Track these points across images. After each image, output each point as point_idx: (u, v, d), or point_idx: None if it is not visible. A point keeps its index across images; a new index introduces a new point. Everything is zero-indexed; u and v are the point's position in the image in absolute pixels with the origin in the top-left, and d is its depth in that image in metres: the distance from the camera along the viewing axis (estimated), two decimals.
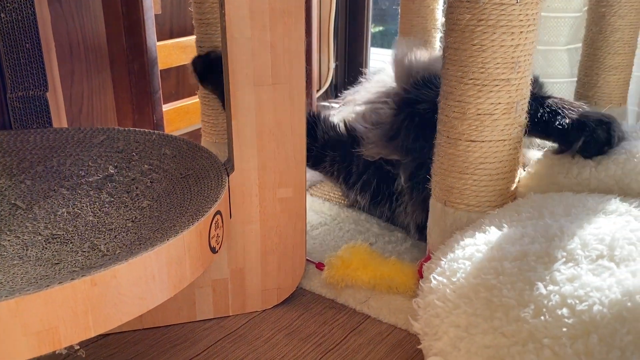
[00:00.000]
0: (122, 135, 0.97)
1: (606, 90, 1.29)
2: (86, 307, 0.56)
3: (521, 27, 0.70)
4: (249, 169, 0.81)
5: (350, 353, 0.80)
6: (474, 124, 0.74)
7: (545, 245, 0.55)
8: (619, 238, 0.53)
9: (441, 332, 0.55)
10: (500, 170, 0.76)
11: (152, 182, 0.85)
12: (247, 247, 0.85)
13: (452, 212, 0.78)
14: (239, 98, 0.78)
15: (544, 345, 0.46)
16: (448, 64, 0.75)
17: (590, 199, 0.65)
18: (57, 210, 0.81)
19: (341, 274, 0.88)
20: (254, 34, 0.75)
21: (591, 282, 0.49)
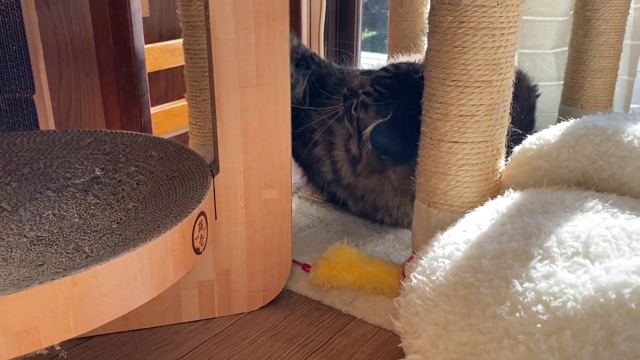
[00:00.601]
0: (109, 137, 0.97)
1: (592, 93, 1.30)
2: (67, 308, 0.56)
3: (502, 29, 0.70)
4: (234, 170, 0.82)
5: (335, 354, 0.80)
6: (456, 126, 0.74)
7: (523, 243, 0.56)
8: (595, 235, 0.54)
9: (420, 330, 0.55)
10: (483, 171, 0.76)
11: (138, 184, 0.86)
12: (232, 248, 0.85)
13: (436, 213, 0.79)
14: (223, 99, 0.78)
15: (518, 341, 0.46)
16: (431, 65, 0.75)
17: (568, 196, 0.66)
18: (43, 212, 0.81)
19: (327, 275, 0.88)
20: (238, 36, 0.75)
21: (566, 279, 0.49)
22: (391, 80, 0.97)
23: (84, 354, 0.80)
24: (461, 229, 0.65)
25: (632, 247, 0.53)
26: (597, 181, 0.71)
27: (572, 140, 0.73)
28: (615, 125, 0.72)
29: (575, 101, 1.32)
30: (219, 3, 0.73)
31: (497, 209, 0.67)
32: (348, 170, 1.02)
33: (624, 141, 0.69)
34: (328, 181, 1.10)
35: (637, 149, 0.67)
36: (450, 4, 0.70)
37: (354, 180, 1.03)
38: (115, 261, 0.59)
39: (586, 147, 0.71)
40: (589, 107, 1.31)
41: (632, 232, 0.54)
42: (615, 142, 0.69)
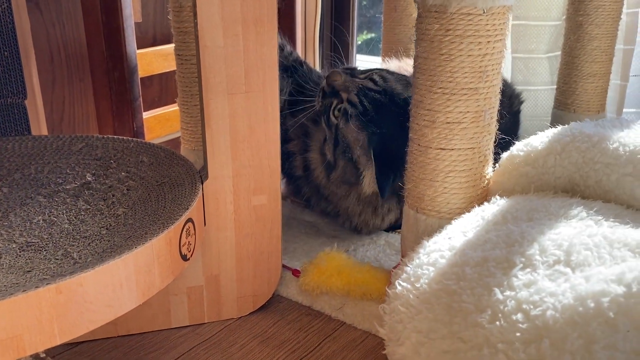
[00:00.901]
0: (100, 142, 0.97)
1: (584, 98, 1.31)
2: (51, 315, 0.56)
3: (488, 37, 0.71)
4: (223, 176, 0.82)
5: (324, 359, 0.80)
6: (443, 132, 0.75)
7: (506, 251, 0.56)
8: (576, 243, 0.54)
9: (404, 337, 0.55)
10: (470, 177, 0.77)
11: (128, 190, 0.86)
12: (222, 254, 0.86)
13: (424, 219, 0.79)
14: (212, 106, 0.78)
15: (498, 350, 0.47)
16: (418, 73, 0.76)
17: (553, 203, 0.66)
18: (33, 218, 0.81)
19: (316, 280, 0.88)
20: (226, 43, 0.76)
21: (546, 288, 0.49)
22: (379, 96, 0.96)
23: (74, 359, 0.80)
24: (447, 235, 0.66)
25: (613, 255, 0.53)
26: (583, 188, 0.71)
27: (559, 147, 0.73)
28: (601, 133, 0.72)
29: (568, 106, 1.33)
30: (207, 10, 0.74)
31: (483, 215, 0.68)
32: (322, 174, 1.03)
33: (610, 148, 0.69)
34: (297, 176, 1.10)
35: (622, 156, 0.68)
36: (436, 12, 0.71)
37: (324, 183, 1.03)
38: (100, 268, 0.59)
39: (572, 154, 0.71)
40: (581, 112, 1.31)
41: (613, 240, 0.54)
42: (600, 149, 0.69)
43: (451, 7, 0.69)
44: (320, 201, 1.10)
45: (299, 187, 1.13)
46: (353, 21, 1.94)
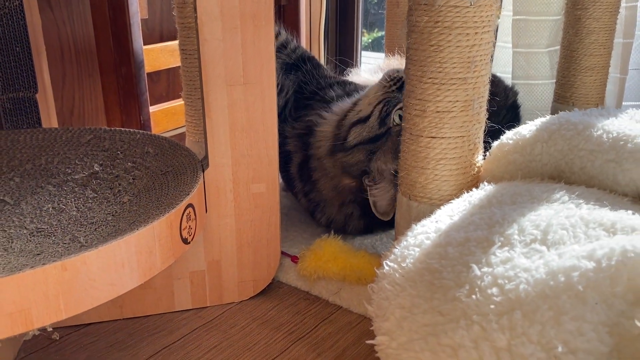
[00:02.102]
0: (108, 134, 1.01)
1: (583, 91, 1.32)
2: (57, 291, 0.60)
3: (476, 28, 0.73)
4: (223, 165, 0.85)
5: (320, 341, 0.83)
6: (433, 121, 0.77)
7: (487, 232, 0.59)
8: (554, 224, 0.56)
9: (389, 313, 0.58)
10: (460, 165, 0.79)
11: (134, 179, 0.89)
12: (222, 240, 0.89)
13: (416, 206, 0.82)
14: (211, 97, 0.82)
15: (473, 321, 0.49)
16: (409, 63, 0.78)
17: (537, 187, 0.68)
18: (43, 205, 0.84)
19: (313, 266, 0.91)
20: (225, 36, 0.79)
21: (522, 264, 0.52)
22: None
23: (80, 340, 0.84)
24: (434, 219, 0.68)
25: (588, 234, 0.55)
26: (568, 174, 0.73)
27: (546, 135, 0.75)
28: (586, 121, 0.75)
29: (567, 99, 1.34)
30: (207, 5, 0.77)
31: (470, 200, 0.70)
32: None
33: (594, 135, 0.72)
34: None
35: (605, 143, 0.70)
36: (425, 4, 0.73)
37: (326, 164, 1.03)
38: (102, 248, 0.63)
39: (558, 141, 0.74)
40: (580, 105, 1.33)
41: (589, 220, 0.57)
42: (585, 137, 0.72)
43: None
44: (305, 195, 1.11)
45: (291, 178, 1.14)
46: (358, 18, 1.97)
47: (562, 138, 0.74)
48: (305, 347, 0.82)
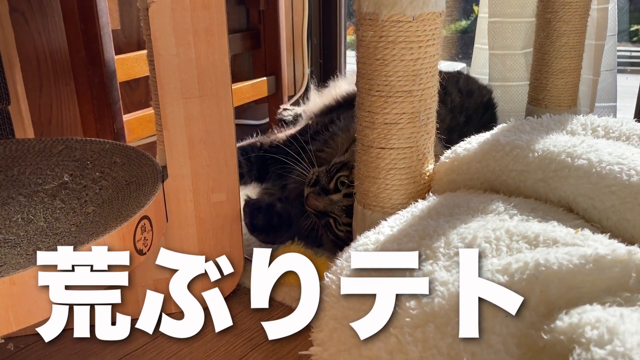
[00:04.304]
0: (79, 145, 1.03)
1: (555, 93, 1.34)
2: (6, 304, 0.62)
3: (420, 42, 0.75)
4: (182, 175, 0.88)
5: (277, 347, 0.85)
6: (382, 133, 0.79)
7: (417, 244, 0.61)
8: (479, 237, 0.58)
9: (323, 324, 0.60)
10: (410, 174, 0.81)
11: (100, 189, 0.92)
12: (185, 248, 0.91)
13: (370, 214, 0.84)
14: (168, 110, 0.84)
15: (391, 333, 0.51)
16: (359, 76, 0.80)
17: (475, 199, 0.70)
18: (13, 216, 0.87)
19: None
20: (178, 51, 0.81)
21: (441, 277, 0.54)
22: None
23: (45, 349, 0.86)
24: (377, 231, 0.70)
25: (510, 247, 0.57)
26: (506, 194, 0.75)
27: (479, 155, 0.77)
28: (513, 142, 0.76)
29: (540, 101, 1.36)
30: (159, 21, 0.79)
31: (413, 211, 0.72)
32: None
33: (521, 155, 0.73)
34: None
35: (532, 163, 0.71)
36: (370, 19, 0.75)
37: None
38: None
39: (490, 162, 0.75)
40: (553, 107, 1.34)
41: (514, 233, 0.59)
42: (513, 157, 0.73)
43: (382, 14, 0.73)
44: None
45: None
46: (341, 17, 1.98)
47: (493, 159, 0.75)
48: (263, 353, 0.84)
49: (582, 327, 0.45)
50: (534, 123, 0.82)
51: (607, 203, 0.65)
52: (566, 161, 0.69)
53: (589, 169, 0.67)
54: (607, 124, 0.81)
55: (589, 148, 0.70)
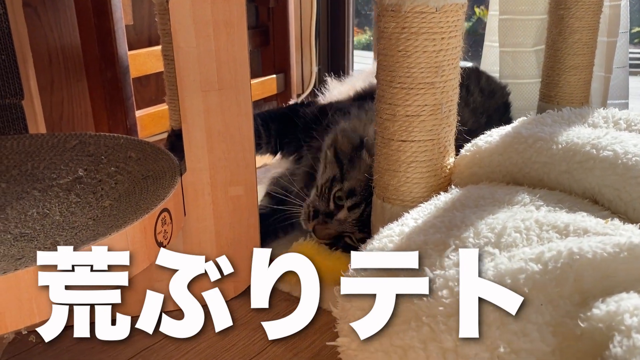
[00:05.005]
0: (93, 140, 1.03)
1: (567, 90, 1.33)
2: (30, 295, 0.61)
3: (442, 33, 0.75)
4: (200, 169, 0.87)
5: (297, 341, 0.85)
6: (403, 125, 0.79)
7: (445, 235, 0.60)
8: (508, 227, 0.58)
9: (350, 315, 0.60)
10: (431, 167, 0.81)
11: (116, 184, 0.91)
12: (202, 243, 0.91)
13: (390, 208, 0.83)
14: (187, 103, 0.83)
15: (423, 323, 0.51)
16: (379, 68, 0.80)
17: (500, 191, 0.70)
18: (28, 210, 0.86)
19: None
20: (198, 42, 0.81)
21: None
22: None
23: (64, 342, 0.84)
24: (400, 223, 0.70)
25: (541, 237, 0.57)
26: (529, 186, 0.74)
27: (501, 148, 0.77)
28: (535, 134, 0.76)
29: (552, 98, 1.35)
30: (179, 14, 0.79)
31: (436, 203, 0.72)
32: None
33: (544, 148, 0.73)
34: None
35: (556, 155, 0.71)
36: (392, 10, 0.75)
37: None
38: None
39: (512, 155, 0.75)
40: (565, 104, 1.34)
41: (544, 223, 0.58)
42: (536, 150, 0.73)
43: (405, 5, 0.73)
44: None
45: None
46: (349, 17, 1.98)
47: (516, 152, 0.75)
48: (282, 347, 0.84)
49: (620, 315, 0.44)
50: (555, 116, 0.82)
51: (633, 194, 0.65)
52: (591, 153, 0.69)
53: (615, 160, 0.67)
54: (629, 117, 0.81)
55: (614, 140, 0.70)
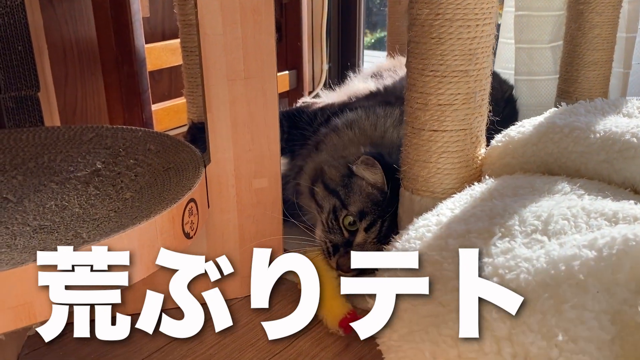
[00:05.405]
0: (110, 132, 1.01)
1: (586, 86, 1.32)
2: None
3: (477, 20, 0.73)
4: (224, 160, 0.85)
5: (324, 336, 0.83)
6: (435, 114, 0.77)
7: (488, 223, 0.59)
8: (555, 214, 0.56)
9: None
10: (463, 158, 0.79)
11: (136, 176, 0.89)
12: (225, 235, 0.89)
13: (419, 200, 0.82)
14: (212, 92, 0.82)
15: None
16: (411, 56, 0.78)
17: (538, 180, 0.68)
18: (46, 203, 0.84)
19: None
20: (225, 30, 0.79)
21: (522, 254, 0.52)
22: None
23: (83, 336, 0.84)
24: (435, 213, 0.68)
25: (589, 224, 0.55)
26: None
27: (535, 138, 0.75)
28: (571, 123, 0.74)
29: (570, 94, 1.34)
30: (207, 0, 0.77)
31: (472, 193, 0.70)
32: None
33: (582, 137, 0.71)
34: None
35: (594, 144, 0.70)
36: None
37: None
38: (106, 241, 0.63)
39: (548, 145, 0.74)
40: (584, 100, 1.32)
41: (591, 210, 0.57)
42: (573, 139, 0.71)
43: None
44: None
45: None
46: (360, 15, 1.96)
47: (551, 141, 0.73)
48: (309, 341, 0.82)
49: None
50: (588, 106, 0.81)
51: None
52: (631, 141, 0.67)
53: None
54: None
55: None
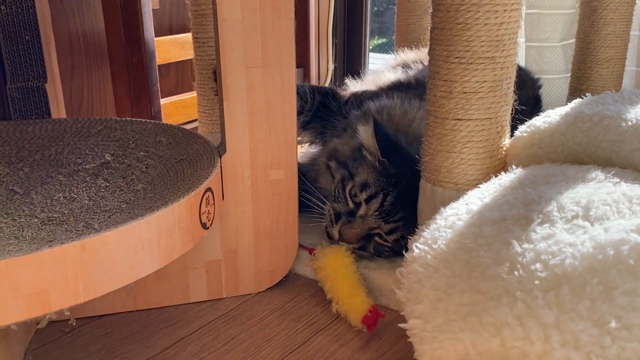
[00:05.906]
0: (119, 125, 0.99)
1: (599, 84, 1.30)
2: (76, 272, 0.57)
3: (504, 5, 0.71)
4: (240, 149, 0.83)
5: (342, 332, 0.81)
6: (460, 103, 0.75)
7: (524, 210, 0.56)
8: (595, 200, 0.54)
9: (422, 295, 0.56)
10: (487, 148, 0.77)
11: (147, 168, 0.87)
12: (239, 228, 0.87)
13: (441, 192, 0.79)
14: (229, 79, 0.79)
15: (517, 298, 0.47)
16: (434, 44, 0.76)
17: (570, 168, 0.66)
18: (54, 195, 0.82)
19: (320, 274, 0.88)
20: (244, 16, 0.77)
21: (565, 239, 0.50)
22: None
23: (94, 332, 0.81)
24: (464, 202, 0.66)
25: (632, 209, 0.53)
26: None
27: (563, 127, 0.73)
28: (600, 112, 0.72)
29: (583, 92, 1.32)
30: None
31: (500, 183, 0.68)
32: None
33: (612, 125, 0.69)
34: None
35: (626, 132, 0.68)
36: None
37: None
38: (123, 229, 0.60)
39: (577, 134, 0.71)
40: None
41: (632, 196, 0.55)
42: (604, 127, 0.69)
43: None
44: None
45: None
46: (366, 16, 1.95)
47: (580, 130, 0.71)
48: (328, 337, 0.79)
49: None
50: (615, 96, 0.79)
51: None
52: None
53: None
54: None
55: None
